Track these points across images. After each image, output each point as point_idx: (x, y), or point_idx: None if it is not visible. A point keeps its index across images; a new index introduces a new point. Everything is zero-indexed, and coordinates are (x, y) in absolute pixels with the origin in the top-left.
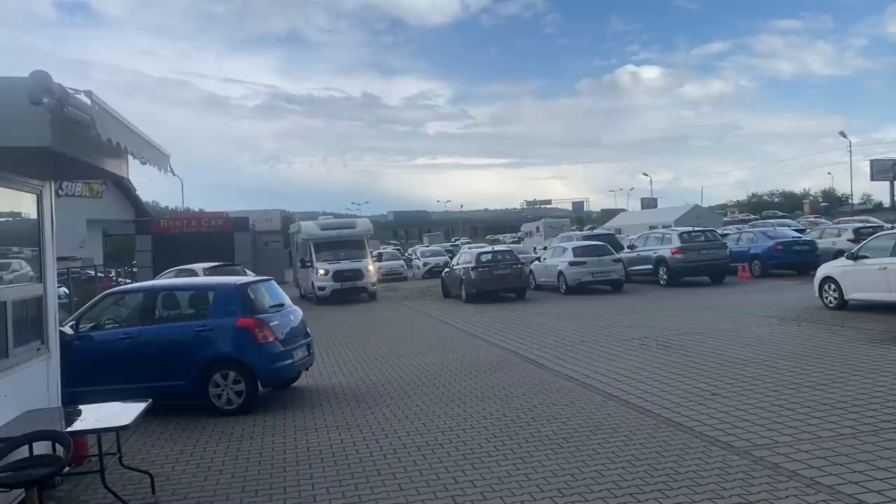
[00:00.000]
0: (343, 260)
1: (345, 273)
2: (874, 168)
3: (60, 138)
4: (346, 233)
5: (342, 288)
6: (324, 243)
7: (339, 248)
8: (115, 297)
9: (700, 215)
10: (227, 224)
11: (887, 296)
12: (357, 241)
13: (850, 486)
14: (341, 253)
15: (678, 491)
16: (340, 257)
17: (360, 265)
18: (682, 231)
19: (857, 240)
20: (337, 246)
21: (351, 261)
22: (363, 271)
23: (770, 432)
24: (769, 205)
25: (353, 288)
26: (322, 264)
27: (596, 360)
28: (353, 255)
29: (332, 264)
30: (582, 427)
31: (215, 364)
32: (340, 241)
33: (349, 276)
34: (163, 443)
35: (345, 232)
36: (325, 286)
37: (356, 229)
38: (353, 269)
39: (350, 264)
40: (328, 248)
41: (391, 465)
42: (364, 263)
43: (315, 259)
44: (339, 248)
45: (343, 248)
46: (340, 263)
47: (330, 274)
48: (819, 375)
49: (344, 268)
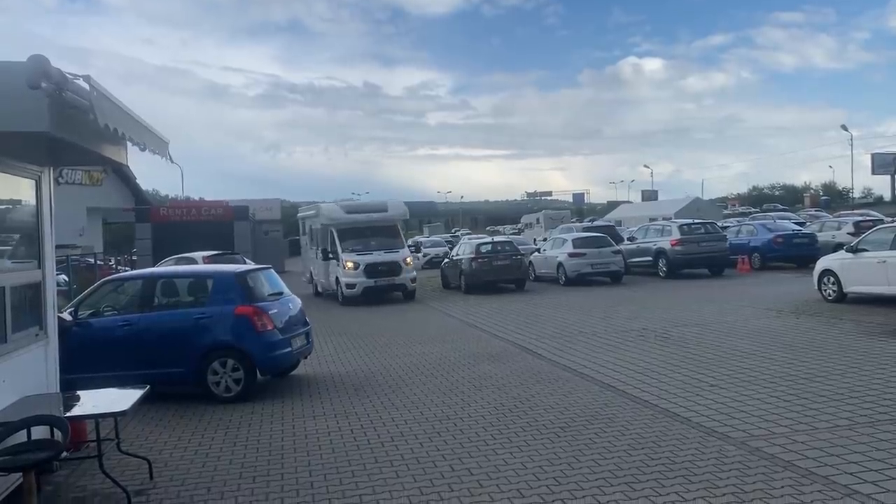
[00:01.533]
0: (375, 250)
1: (379, 267)
2: (875, 162)
3: (59, 123)
4: (376, 217)
5: (376, 286)
6: (349, 230)
7: (369, 236)
8: (114, 285)
9: (700, 208)
10: (227, 213)
11: (886, 289)
12: (390, 228)
13: (845, 477)
14: (372, 242)
15: (674, 480)
16: (371, 247)
17: (396, 257)
18: (682, 223)
19: (857, 233)
20: (366, 233)
21: (385, 251)
22: (401, 265)
23: (766, 423)
24: (770, 198)
25: (390, 285)
26: (350, 256)
27: (594, 351)
28: (386, 245)
29: (363, 256)
30: (579, 417)
31: (214, 351)
32: (370, 226)
33: (384, 270)
34: (161, 429)
35: (375, 216)
36: (354, 283)
37: (388, 213)
38: (388, 263)
39: (385, 256)
40: (355, 235)
41: (389, 453)
42: (401, 255)
43: (340, 249)
44: (368, 236)
45: (374, 235)
46: (373, 255)
47: (361, 268)
48: (816, 367)
49: (378, 260)
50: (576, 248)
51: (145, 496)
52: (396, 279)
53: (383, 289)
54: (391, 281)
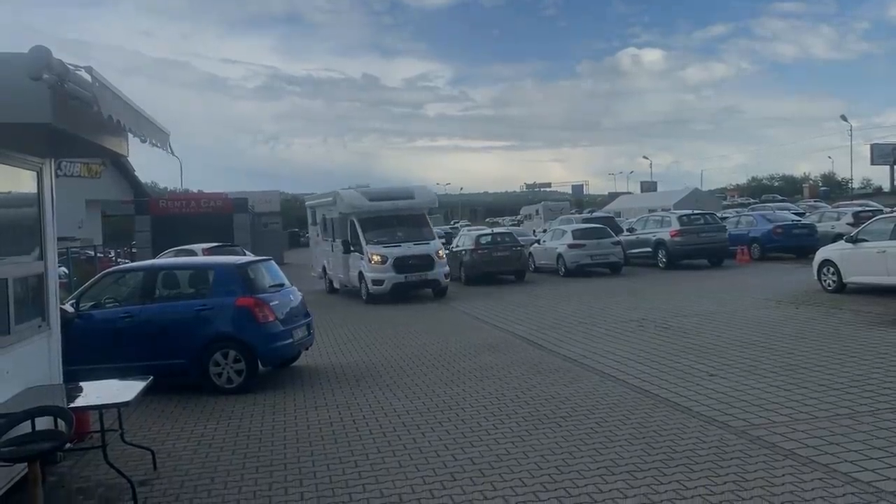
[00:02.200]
0: (404, 242)
1: (409, 261)
2: (874, 152)
3: (61, 114)
4: (402, 205)
5: (406, 281)
6: (373, 219)
7: (395, 226)
8: (116, 276)
9: (699, 199)
10: (226, 205)
11: (885, 279)
12: (417, 217)
13: (845, 465)
14: (398, 232)
15: (675, 469)
16: (398, 238)
17: (428, 249)
18: (682, 214)
19: (856, 224)
20: (391, 223)
21: (415, 243)
22: (433, 258)
23: (767, 412)
24: (769, 188)
25: (421, 281)
26: (376, 248)
27: (594, 342)
28: (415, 236)
29: (390, 248)
30: (580, 406)
31: (215, 343)
32: (395, 215)
33: (415, 264)
34: (163, 420)
35: (401, 203)
36: (381, 279)
37: (415, 200)
38: (419, 256)
39: (415, 248)
40: (379, 225)
41: (391, 443)
42: (433, 247)
43: (364, 240)
44: (394, 226)
45: (400, 225)
46: (402, 247)
47: (390, 262)
48: (816, 357)
49: (408, 253)
50: (575, 239)
51: (149, 486)
52: (429, 274)
53: (414, 285)
54: (423, 276)
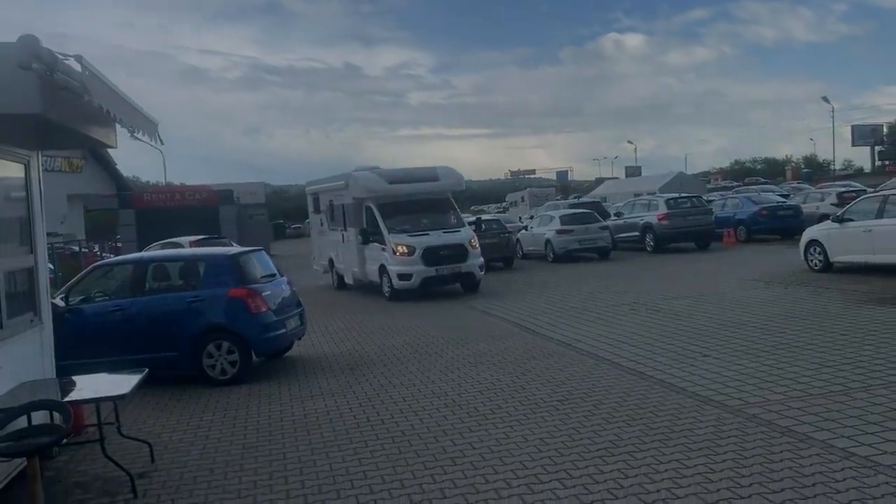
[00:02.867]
0: (431, 230)
1: (441, 251)
2: (855, 134)
3: (51, 105)
4: (425, 188)
5: (437, 275)
6: (394, 204)
7: (419, 212)
8: (105, 270)
9: (684, 182)
10: (211, 197)
11: (871, 257)
12: (442, 201)
13: (842, 441)
14: (423, 219)
15: (674, 449)
16: (422, 226)
17: (460, 238)
18: (669, 197)
19: (841, 204)
20: (414, 208)
21: (444, 231)
22: (467, 248)
23: (761, 391)
24: (752, 171)
25: (454, 275)
26: (401, 238)
27: (586, 326)
28: (442, 223)
29: (418, 237)
30: (576, 390)
31: (208, 334)
32: (418, 199)
33: (448, 255)
34: (158, 413)
35: (424, 186)
36: (409, 272)
37: (440, 181)
38: (452, 246)
39: (445, 237)
40: (401, 211)
41: (389, 430)
42: (466, 235)
43: (385, 229)
44: (417, 212)
45: (424, 210)
46: (430, 236)
47: (418, 253)
48: (808, 336)
49: (439, 243)
50: (563, 224)
51: (148, 478)
52: (462, 266)
53: (446, 279)
54: (456, 269)
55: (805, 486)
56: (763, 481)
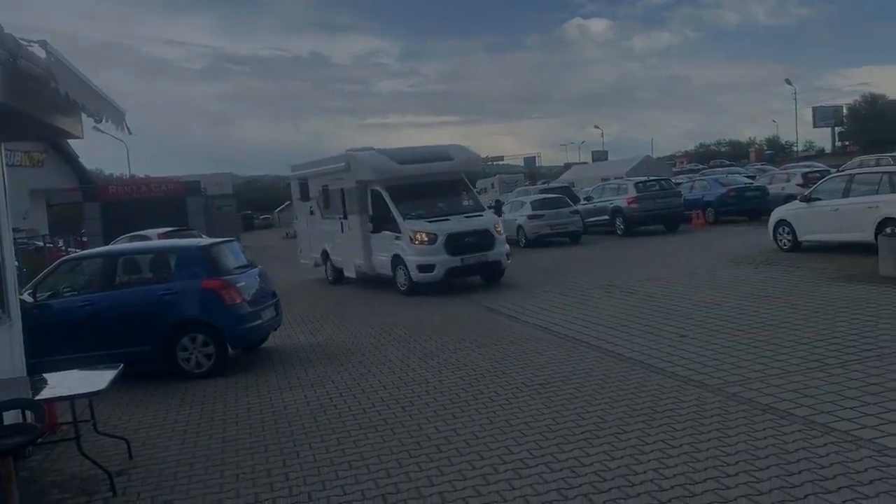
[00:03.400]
0: (450, 214)
1: (466, 238)
2: (817, 115)
3: (14, 93)
4: (439, 168)
5: (462, 265)
6: (406, 187)
7: (433, 196)
8: (72, 264)
9: (651, 166)
10: (178, 188)
11: (839, 236)
12: (456, 183)
13: (822, 416)
14: (438, 203)
15: (658, 429)
16: (438, 211)
17: (485, 223)
18: (637, 181)
19: (806, 184)
20: (427, 191)
21: (465, 216)
22: (492, 233)
23: (740, 369)
24: (716, 154)
25: (480, 264)
26: (419, 224)
27: (562, 309)
28: (460, 206)
29: (438, 223)
30: (556, 373)
31: (182, 327)
32: (432, 182)
33: (473, 243)
34: (133, 409)
35: (438, 167)
36: (431, 263)
37: (454, 161)
38: (477, 232)
39: (468, 222)
40: (413, 195)
41: (371, 419)
42: (490, 219)
43: (399, 215)
44: (431, 196)
45: (438, 194)
46: (451, 221)
47: (440, 241)
48: (781, 314)
49: (462, 229)
50: (535, 210)
51: (127, 475)
52: (489, 255)
53: (472, 269)
54: (482, 258)
55: (790, 463)
56: (749, 459)
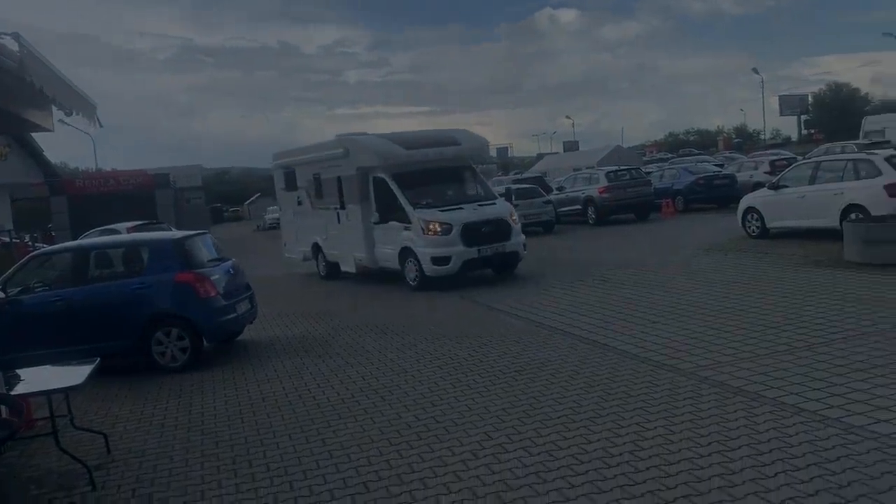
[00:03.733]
0: (463, 203)
1: (482, 228)
2: (783, 104)
3: None
4: (447, 153)
5: (479, 256)
6: (412, 174)
7: (442, 183)
8: (43, 259)
9: (621, 156)
10: (147, 181)
11: (806, 222)
12: (466, 170)
13: (791, 397)
14: (448, 191)
15: (633, 413)
16: (449, 199)
17: (500, 211)
18: (609, 171)
19: (773, 172)
20: (436, 178)
21: (479, 205)
22: (509, 223)
23: (711, 353)
24: (686, 143)
25: (498, 255)
26: (431, 213)
27: (536, 297)
28: (471, 195)
29: (451, 212)
30: (533, 361)
31: (156, 321)
32: (439, 168)
33: (489, 233)
34: (109, 404)
35: (446, 152)
36: (446, 255)
37: (462, 146)
38: (493, 221)
39: (482, 211)
40: (421, 182)
41: (351, 409)
42: (504, 208)
43: (409, 204)
44: (440, 183)
45: (447, 181)
46: (465, 210)
47: (455, 231)
48: (750, 300)
49: (478, 218)
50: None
51: (105, 470)
52: (506, 245)
53: (489, 261)
54: (500, 248)
55: (761, 443)
56: (721, 440)
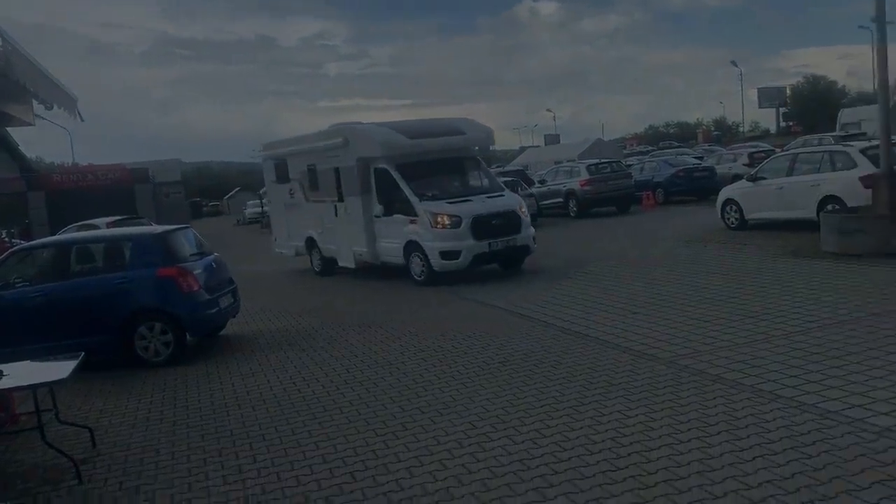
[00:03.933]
0: (473, 195)
1: (492, 221)
2: (761, 96)
3: None
4: (453, 143)
5: (490, 251)
6: (417, 164)
7: (447, 174)
8: (24, 255)
9: (602, 149)
10: (125, 176)
11: (784, 213)
12: (471, 161)
13: (769, 385)
14: (454, 183)
15: (615, 401)
16: (456, 191)
17: (510, 203)
18: (590, 164)
19: (752, 164)
20: (441, 169)
21: (487, 196)
22: (519, 215)
23: (691, 343)
24: (665, 135)
25: (508, 248)
26: (439, 206)
27: (519, 289)
28: (478, 186)
29: (460, 205)
30: (516, 352)
31: (139, 316)
32: (444, 159)
33: (500, 226)
34: (93, 399)
35: (452, 142)
36: (456, 249)
37: (467, 136)
38: (503, 214)
39: (493, 203)
40: (427, 173)
41: (336, 401)
42: (513, 200)
43: (414, 196)
44: (446, 174)
45: (453, 172)
46: (474, 202)
47: (465, 224)
48: (729, 290)
49: (488, 210)
50: None
51: (92, 464)
52: (517, 239)
53: (499, 255)
54: (511, 242)
55: (739, 428)
56: (701, 426)
